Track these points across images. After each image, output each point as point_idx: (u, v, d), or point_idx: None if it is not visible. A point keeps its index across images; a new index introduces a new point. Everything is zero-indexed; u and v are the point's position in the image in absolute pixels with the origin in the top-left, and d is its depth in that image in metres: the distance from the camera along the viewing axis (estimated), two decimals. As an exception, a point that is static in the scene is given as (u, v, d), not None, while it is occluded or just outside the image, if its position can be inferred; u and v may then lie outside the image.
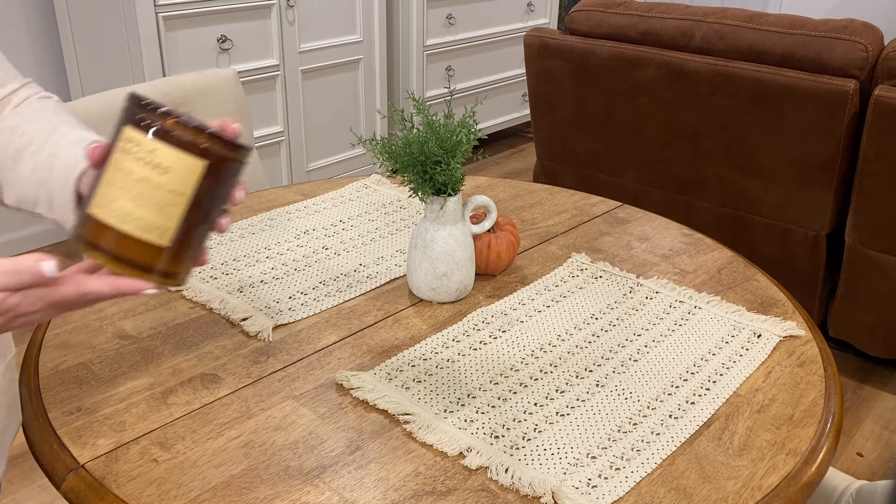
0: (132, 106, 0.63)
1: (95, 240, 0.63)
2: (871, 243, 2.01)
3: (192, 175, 0.62)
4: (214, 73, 1.67)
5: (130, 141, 0.62)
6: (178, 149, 0.61)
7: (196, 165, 0.62)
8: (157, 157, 0.61)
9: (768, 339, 1.03)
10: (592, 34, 2.34)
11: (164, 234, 0.63)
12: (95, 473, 0.78)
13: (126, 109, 0.63)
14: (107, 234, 0.63)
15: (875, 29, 1.96)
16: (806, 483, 0.80)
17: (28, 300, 0.63)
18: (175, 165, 0.61)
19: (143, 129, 0.62)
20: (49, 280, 0.63)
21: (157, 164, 0.61)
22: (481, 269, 1.15)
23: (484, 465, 0.80)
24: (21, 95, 0.91)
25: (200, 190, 0.63)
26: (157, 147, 0.61)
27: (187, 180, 0.62)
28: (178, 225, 0.63)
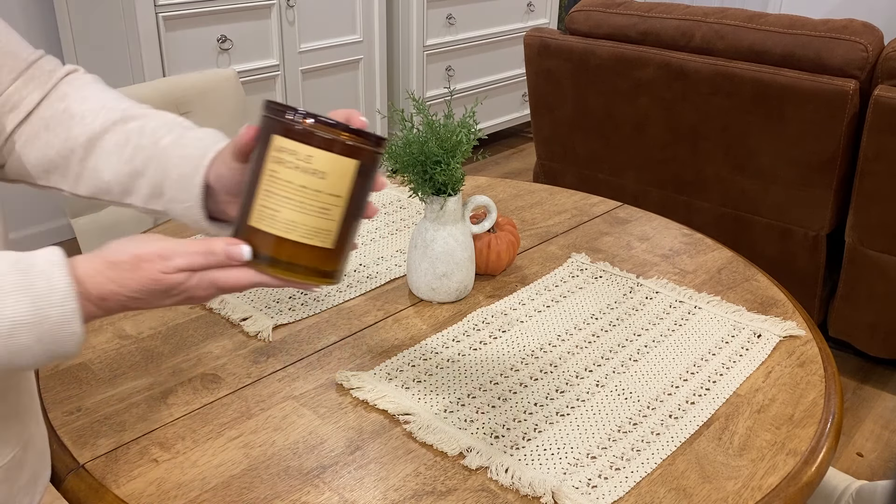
0: (274, 114, 0.64)
1: (264, 251, 0.64)
2: (871, 243, 2.01)
3: (347, 176, 0.64)
4: (214, 73, 1.67)
5: (283, 150, 0.63)
6: (332, 152, 0.63)
7: (350, 165, 0.64)
8: (313, 163, 0.63)
9: (768, 339, 1.03)
10: (592, 34, 2.34)
11: (327, 238, 0.65)
12: (95, 473, 0.78)
13: (268, 119, 0.65)
14: (271, 244, 0.64)
15: (875, 29, 1.96)
16: (806, 483, 0.80)
17: (203, 282, 0.65)
18: (331, 169, 0.63)
19: (294, 137, 0.63)
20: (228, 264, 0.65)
21: (315, 170, 0.63)
22: (481, 269, 1.15)
23: (484, 465, 0.80)
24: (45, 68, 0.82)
25: (354, 188, 0.65)
26: (313, 153, 0.62)
27: (343, 182, 0.64)
28: (339, 227, 0.65)
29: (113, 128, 0.79)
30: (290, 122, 0.63)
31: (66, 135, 0.79)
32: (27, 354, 0.60)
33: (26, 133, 0.80)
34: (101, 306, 0.63)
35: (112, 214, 1.53)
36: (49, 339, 0.60)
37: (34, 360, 0.61)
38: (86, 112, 0.80)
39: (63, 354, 0.62)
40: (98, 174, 0.80)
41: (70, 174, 0.81)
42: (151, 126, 0.79)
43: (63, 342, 0.61)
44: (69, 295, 0.60)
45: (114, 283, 0.63)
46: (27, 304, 0.59)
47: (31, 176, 0.82)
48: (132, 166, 0.78)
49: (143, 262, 0.63)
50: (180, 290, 0.64)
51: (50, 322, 0.60)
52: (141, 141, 0.78)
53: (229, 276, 0.65)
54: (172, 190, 0.77)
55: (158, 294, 0.64)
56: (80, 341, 0.62)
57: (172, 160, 0.77)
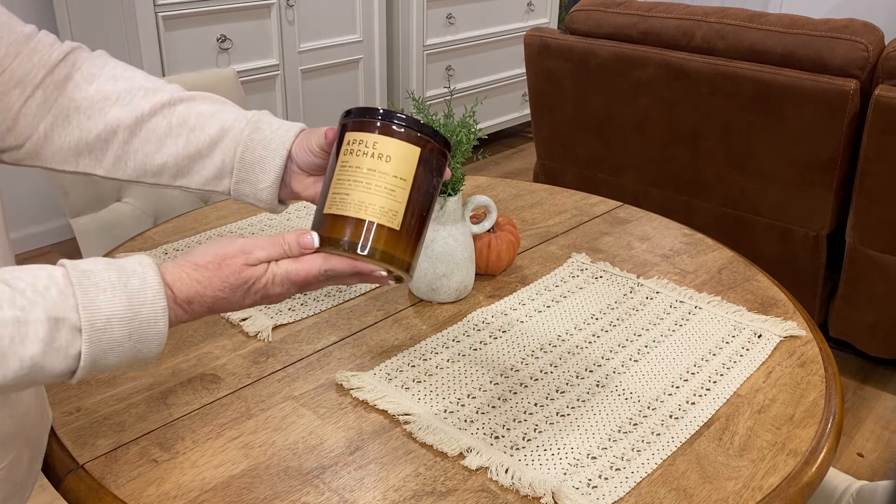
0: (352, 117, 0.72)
1: (336, 235, 0.69)
2: (871, 243, 2.01)
3: (411, 160, 0.70)
4: (214, 73, 1.67)
5: (353, 142, 0.70)
6: (396, 138, 0.70)
7: (413, 151, 0.70)
8: (379, 147, 0.69)
9: (769, 340, 1.03)
10: (593, 34, 2.34)
11: (394, 218, 0.69)
12: (95, 474, 0.78)
13: (346, 122, 0.72)
14: (345, 226, 0.69)
15: (876, 29, 1.96)
16: (806, 483, 0.80)
17: (278, 278, 0.68)
18: (396, 153, 0.70)
19: (363, 129, 0.70)
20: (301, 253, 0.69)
21: (380, 153, 0.69)
22: (481, 269, 1.15)
23: (484, 465, 0.80)
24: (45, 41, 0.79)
25: (418, 175, 0.70)
26: (378, 139, 0.70)
27: (408, 165, 0.70)
28: (405, 208, 0.70)
29: (162, 111, 0.81)
30: (360, 118, 0.71)
31: (102, 118, 0.80)
32: (117, 351, 0.62)
33: (55, 116, 0.79)
34: (187, 309, 0.66)
35: (112, 214, 1.53)
36: (137, 337, 0.62)
37: (119, 359, 0.62)
38: (121, 93, 0.81)
39: (146, 355, 0.64)
40: (147, 157, 0.81)
41: (107, 157, 0.81)
42: (208, 109, 0.82)
43: (149, 340, 0.63)
44: (159, 294, 0.63)
45: (199, 285, 0.66)
46: (124, 300, 0.61)
47: (57, 160, 0.81)
48: (194, 148, 0.81)
49: (227, 258, 0.67)
50: (259, 285, 0.68)
51: (140, 318, 0.62)
52: (201, 122, 0.81)
53: (300, 266, 0.69)
54: (245, 172, 0.81)
55: (240, 290, 0.68)
56: (162, 341, 0.64)
57: (248, 144, 0.80)
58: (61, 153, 0.81)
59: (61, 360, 0.60)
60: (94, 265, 0.62)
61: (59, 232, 2.89)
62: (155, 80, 0.84)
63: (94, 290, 0.60)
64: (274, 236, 0.69)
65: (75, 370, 0.61)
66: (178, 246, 1.24)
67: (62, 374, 0.61)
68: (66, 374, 0.61)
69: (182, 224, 1.33)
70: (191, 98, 0.83)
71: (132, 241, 1.27)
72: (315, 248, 0.69)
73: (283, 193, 0.84)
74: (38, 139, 0.80)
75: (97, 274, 0.61)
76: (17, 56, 0.77)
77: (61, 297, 0.59)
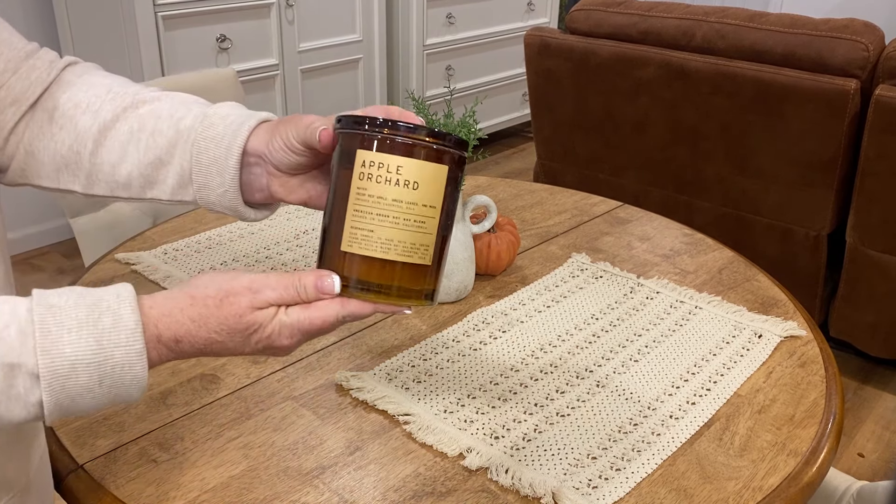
0: (354, 127, 0.60)
1: (361, 276, 0.60)
2: (872, 243, 2.01)
3: (439, 183, 0.60)
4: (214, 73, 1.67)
5: (370, 165, 0.59)
6: (423, 160, 0.59)
7: (441, 172, 0.60)
8: (405, 173, 0.59)
9: (769, 340, 1.02)
10: (593, 33, 2.34)
11: (426, 254, 0.61)
12: (94, 474, 0.78)
13: (348, 134, 0.61)
14: (367, 267, 0.60)
15: (876, 28, 1.95)
16: (807, 484, 0.80)
17: (286, 329, 0.60)
18: (423, 178, 0.59)
19: (380, 149, 0.59)
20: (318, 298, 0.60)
21: (406, 180, 0.59)
22: (481, 269, 1.14)
23: (484, 465, 0.80)
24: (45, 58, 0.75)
25: (446, 196, 0.61)
26: (403, 163, 0.59)
27: (437, 190, 0.60)
28: (436, 240, 0.61)
29: (124, 115, 0.73)
30: (373, 133, 0.59)
31: (73, 128, 0.73)
32: (88, 397, 0.55)
33: (32, 129, 0.73)
34: (174, 349, 0.58)
35: (112, 214, 1.53)
36: (111, 382, 0.55)
37: (95, 403, 0.56)
38: (91, 100, 0.73)
39: (125, 398, 0.57)
40: (113, 169, 0.73)
41: (81, 172, 0.74)
42: (167, 108, 0.73)
43: (125, 386, 0.56)
44: (135, 334, 0.55)
45: (193, 323, 0.58)
46: (91, 342, 0.54)
47: (41, 176, 0.75)
48: (154, 154, 0.72)
49: (231, 295, 0.59)
50: (262, 334, 0.60)
51: (112, 363, 0.55)
52: (158, 125, 0.72)
53: (314, 315, 0.60)
54: (203, 176, 0.71)
55: (239, 335, 0.59)
56: (142, 386, 0.57)
57: (200, 143, 0.71)
58: (43, 168, 0.75)
59: (21, 408, 0.54)
60: (64, 298, 0.55)
61: (58, 232, 2.89)
62: (130, 84, 0.76)
63: (57, 329, 0.54)
64: (287, 275, 0.60)
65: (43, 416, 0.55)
66: (178, 246, 1.24)
67: (27, 420, 0.55)
68: (32, 420, 0.55)
69: (181, 224, 1.33)
70: (155, 99, 0.74)
71: (132, 241, 1.27)
72: (336, 294, 0.60)
73: (261, 197, 0.73)
74: (22, 156, 0.74)
75: (64, 311, 0.54)
76: (15, 72, 0.72)
77: (21, 337, 0.53)
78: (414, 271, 0.61)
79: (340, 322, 0.61)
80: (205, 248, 1.23)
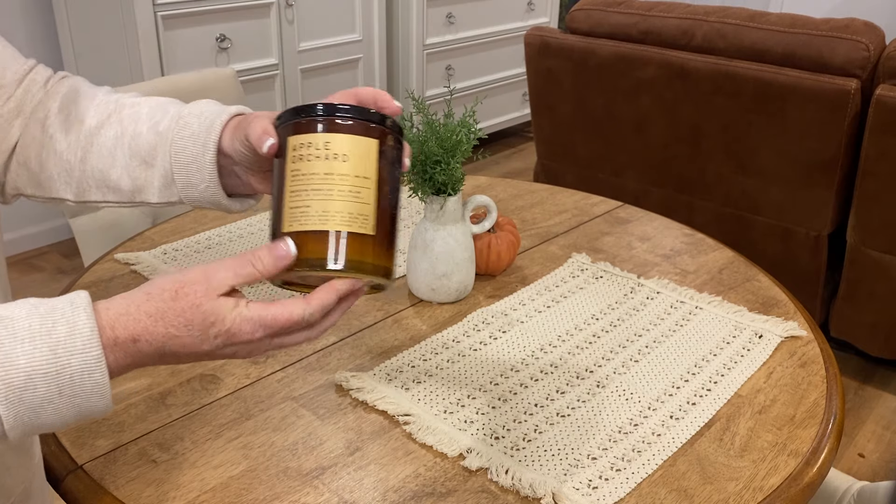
0: (287, 118, 0.63)
1: (305, 254, 0.60)
2: (872, 243, 2.00)
3: (370, 155, 0.62)
4: (213, 73, 1.67)
5: (300, 147, 0.61)
6: (349, 133, 0.61)
7: (370, 145, 0.62)
8: (333, 147, 0.60)
9: (770, 340, 1.02)
10: (593, 33, 2.34)
11: (366, 223, 0.61)
12: (94, 474, 0.78)
13: (282, 125, 0.63)
14: (311, 242, 0.60)
15: (877, 28, 1.95)
16: (807, 484, 0.80)
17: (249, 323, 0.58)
18: (352, 150, 0.61)
19: (308, 130, 0.61)
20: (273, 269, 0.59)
21: (335, 153, 0.60)
22: (481, 269, 1.14)
23: (484, 466, 0.80)
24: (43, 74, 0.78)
25: (381, 169, 0.62)
26: (329, 138, 0.61)
27: (368, 161, 0.61)
28: (376, 209, 0.62)
29: (108, 121, 0.74)
30: (299, 118, 0.62)
31: (63, 137, 0.75)
32: (50, 409, 0.54)
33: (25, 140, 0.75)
34: (130, 351, 0.57)
35: (111, 214, 1.52)
36: (71, 392, 0.54)
37: (59, 416, 0.55)
38: (80, 109, 0.75)
39: (90, 409, 0.55)
40: (104, 174, 0.74)
41: (73, 180, 0.75)
42: (145, 112, 0.74)
43: (88, 395, 0.54)
44: (92, 340, 0.54)
45: (149, 318, 0.57)
46: (46, 351, 0.53)
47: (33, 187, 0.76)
48: (140, 158, 0.73)
49: (186, 286, 0.57)
50: (222, 327, 0.58)
51: (70, 371, 0.53)
52: (139, 128, 0.73)
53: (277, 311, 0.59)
54: (184, 174, 0.72)
55: (198, 328, 0.57)
56: (105, 394, 0.55)
57: (177, 143, 0.72)
58: (35, 178, 0.75)
59: None
60: (17, 309, 0.54)
61: (57, 232, 2.89)
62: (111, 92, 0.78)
63: (10, 341, 0.52)
64: (242, 254, 0.60)
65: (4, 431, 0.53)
66: (178, 246, 1.23)
67: None
68: None
69: (181, 224, 1.33)
70: (135, 104, 0.75)
71: (131, 241, 1.26)
72: (294, 256, 0.59)
73: (244, 190, 0.74)
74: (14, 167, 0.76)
75: (16, 321, 0.53)
76: (20, 84, 0.75)
77: None
78: (358, 241, 0.61)
79: (306, 321, 0.60)
80: (204, 248, 1.23)
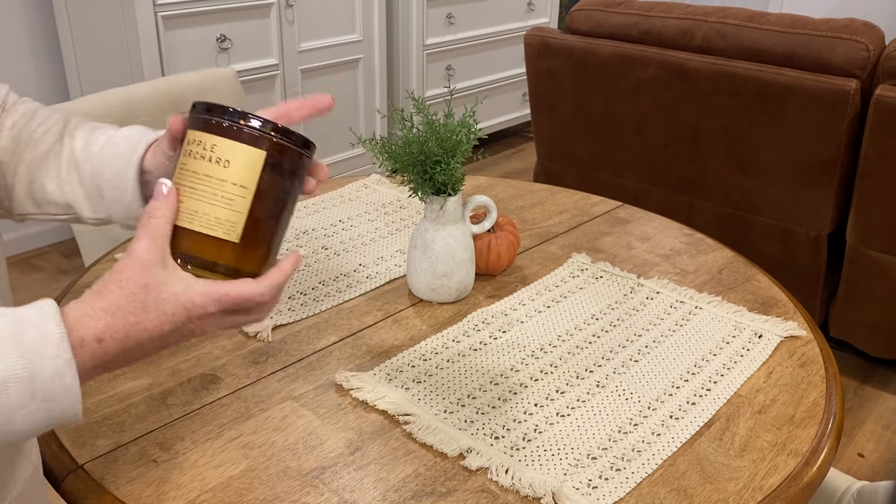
0: (195, 112, 0.64)
1: (174, 247, 0.62)
2: (872, 243, 2.01)
3: (254, 166, 0.62)
4: (213, 73, 1.67)
5: (192, 142, 0.63)
6: (236, 141, 0.61)
7: (257, 156, 0.62)
8: (217, 151, 0.61)
9: (769, 340, 1.02)
10: (593, 33, 2.34)
11: (231, 230, 0.62)
12: (94, 474, 0.78)
13: (189, 118, 0.64)
14: (179, 237, 0.62)
15: (876, 28, 1.95)
16: (807, 484, 0.80)
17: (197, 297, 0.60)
18: (236, 158, 0.61)
19: (202, 128, 0.62)
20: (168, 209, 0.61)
21: (219, 158, 0.61)
22: (481, 269, 1.14)
23: (484, 465, 0.80)
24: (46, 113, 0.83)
25: (262, 183, 0.62)
26: (217, 142, 0.61)
27: (249, 171, 0.62)
28: (246, 220, 0.62)
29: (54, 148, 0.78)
30: (199, 115, 0.63)
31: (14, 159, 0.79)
32: (22, 414, 0.55)
33: None
34: (96, 353, 0.58)
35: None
36: (43, 396, 0.55)
37: (32, 422, 0.56)
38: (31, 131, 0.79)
39: (62, 414, 0.56)
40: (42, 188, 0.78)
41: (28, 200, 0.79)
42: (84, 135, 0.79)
43: (60, 398, 0.56)
44: (62, 345, 0.55)
45: (107, 314, 0.58)
46: (16, 356, 0.54)
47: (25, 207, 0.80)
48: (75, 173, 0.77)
49: (123, 270, 0.60)
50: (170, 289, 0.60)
51: (42, 376, 0.55)
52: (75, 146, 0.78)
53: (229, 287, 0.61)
54: (109, 190, 0.76)
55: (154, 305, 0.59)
56: (77, 397, 0.56)
57: (105, 160, 0.76)
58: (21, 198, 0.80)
59: None
60: None
61: (58, 232, 2.89)
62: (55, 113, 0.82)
63: None
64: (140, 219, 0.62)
65: None
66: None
67: None
68: None
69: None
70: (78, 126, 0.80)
71: (130, 242, 1.26)
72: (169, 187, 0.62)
73: None
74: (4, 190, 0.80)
75: None
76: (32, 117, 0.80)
77: None
78: (219, 246, 0.62)
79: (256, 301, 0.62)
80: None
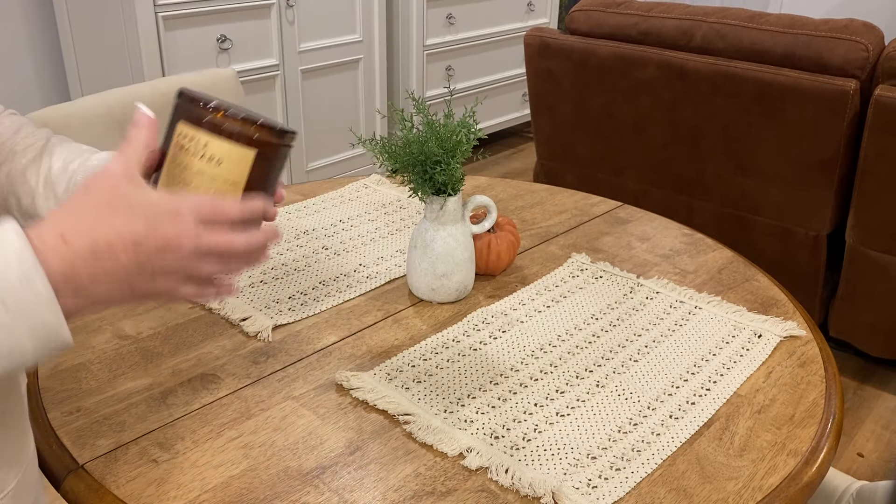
0: (183, 102, 0.65)
1: None
2: (871, 243, 2.01)
3: (244, 164, 0.65)
4: (214, 73, 1.67)
5: (185, 136, 0.65)
6: (228, 140, 0.64)
7: (247, 155, 0.64)
8: (210, 149, 0.64)
9: (769, 340, 1.03)
10: (593, 34, 2.34)
11: None
12: (95, 474, 0.78)
13: (178, 106, 0.66)
14: None
15: (876, 29, 1.96)
16: (806, 483, 0.80)
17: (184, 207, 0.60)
18: (227, 156, 0.64)
19: (195, 124, 0.64)
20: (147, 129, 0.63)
21: (211, 156, 0.64)
22: (481, 269, 1.14)
23: (484, 465, 0.80)
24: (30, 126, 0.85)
25: (252, 177, 0.65)
26: (209, 140, 0.64)
27: (241, 168, 0.64)
28: None
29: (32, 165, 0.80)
30: (192, 110, 0.64)
31: None
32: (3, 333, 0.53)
33: None
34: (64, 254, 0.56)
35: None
36: (17, 307, 0.53)
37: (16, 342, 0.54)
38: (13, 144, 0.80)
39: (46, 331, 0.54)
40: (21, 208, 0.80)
41: None
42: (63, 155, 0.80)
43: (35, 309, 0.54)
44: (25, 250, 0.54)
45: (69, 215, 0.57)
46: None
47: None
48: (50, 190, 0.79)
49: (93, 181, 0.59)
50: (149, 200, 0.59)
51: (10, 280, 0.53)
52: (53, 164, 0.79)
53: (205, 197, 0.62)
54: None
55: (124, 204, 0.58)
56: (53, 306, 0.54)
57: (79, 180, 0.78)
58: None
59: None
60: None
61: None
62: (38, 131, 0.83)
63: None
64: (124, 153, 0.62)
65: None
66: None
67: None
68: None
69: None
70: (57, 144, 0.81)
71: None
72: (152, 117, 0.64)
73: None
74: None
75: None
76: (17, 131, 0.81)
77: None
78: None
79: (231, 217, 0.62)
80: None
